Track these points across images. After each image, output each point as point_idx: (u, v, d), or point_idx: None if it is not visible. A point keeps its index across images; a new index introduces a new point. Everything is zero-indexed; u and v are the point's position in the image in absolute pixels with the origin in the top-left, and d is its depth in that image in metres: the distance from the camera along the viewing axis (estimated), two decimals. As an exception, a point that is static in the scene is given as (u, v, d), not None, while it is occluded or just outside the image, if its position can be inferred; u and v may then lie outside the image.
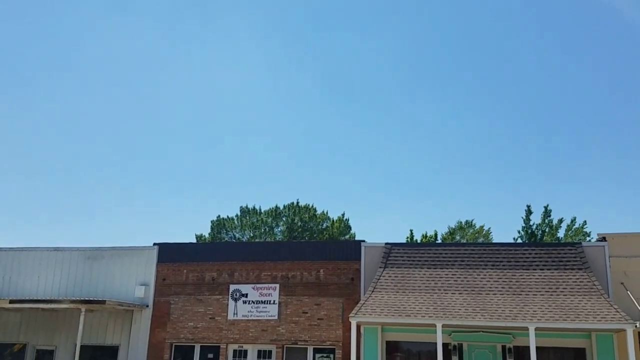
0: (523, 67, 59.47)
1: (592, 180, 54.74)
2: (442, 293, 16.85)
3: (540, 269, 17.00)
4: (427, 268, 17.75)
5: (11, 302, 18.09)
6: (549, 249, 17.66)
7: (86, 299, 18.28)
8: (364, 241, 19.07)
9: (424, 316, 15.78)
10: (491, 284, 16.73)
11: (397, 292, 17.16)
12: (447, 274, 17.37)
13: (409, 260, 18.17)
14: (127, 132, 65.24)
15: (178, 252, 20.41)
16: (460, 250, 18.06)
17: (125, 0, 61.92)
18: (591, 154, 56.51)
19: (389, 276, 17.79)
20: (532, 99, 60.10)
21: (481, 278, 16.99)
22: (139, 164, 64.45)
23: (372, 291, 17.30)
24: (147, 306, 19.63)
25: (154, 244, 20.45)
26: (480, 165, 59.77)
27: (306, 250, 19.82)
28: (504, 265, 17.21)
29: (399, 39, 62.77)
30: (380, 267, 18.13)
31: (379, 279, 17.73)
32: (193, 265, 20.01)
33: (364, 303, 16.72)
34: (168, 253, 20.30)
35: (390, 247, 18.54)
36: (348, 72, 65.35)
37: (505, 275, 16.91)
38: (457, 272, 17.34)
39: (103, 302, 17.55)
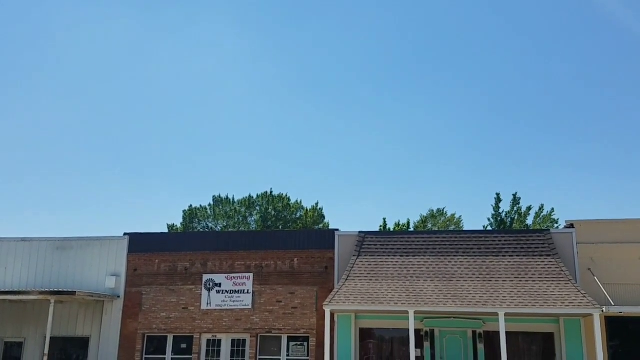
0: (493, 58, 60.21)
1: (560, 168, 55.97)
2: (414, 280, 17.04)
3: (510, 256, 17.32)
4: (400, 256, 17.92)
5: (-23, 294, 17.64)
6: (517, 235, 18.00)
7: (55, 290, 17.95)
8: (337, 230, 19.13)
9: (397, 303, 15.97)
10: (462, 271, 16.99)
11: (371, 280, 17.29)
12: (419, 262, 17.57)
13: (382, 249, 18.30)
14: (98, 122, 63.97)
15: (149, 242, 20.14)
16: (432, 238, 18.27)
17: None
18: (559, 142, 57.72)
19: (362, 264, 17.91)
20: (500, 88, 60.96)
21: (452, 265, 17.24)
22: (110, 153, 63.34)
23: (346, 279, 17.40)
24: (119, 297, 19.38)
25: (125, 234, 20.15)
26: (451, 155, 60.51)
27: (280, 239, 19.78)
28: (474, 252, 17.48)
29: (369, 30, 62.81)
30: (354, 256, 18.23)
31: (352, 267, 17.83)
32: (165, 255, 19.80)
33: (337, 291, 16.81)
34: (139, 243, 20.03)
35: (364, 235, 18.64)
36: (321, 62, 65.21)
37: (475, 262, 17.19)
38: (429, 259, 17.55)
39: (73, 293, 17.26)
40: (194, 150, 64.55)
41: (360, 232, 18.75)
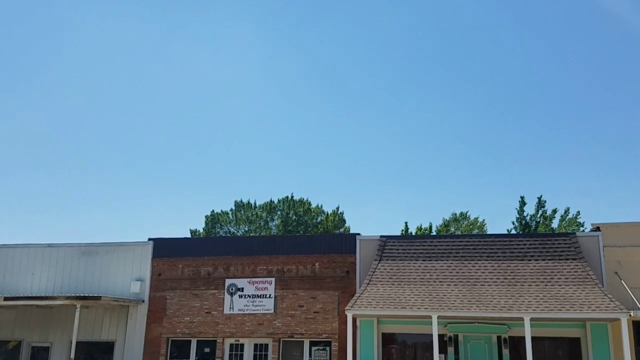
0: (516, 60, 59.57)
1: (585, 171, 55.04)
2: (437, 285, 16.90)
3: (535, 260, 17.07)
4: (422, 260, 17.79)
5: (5, 299, 17.99)
6: (543, 239, 17.74)
7: (81, 295, 18.22)
8: (359, 234, 19.08)
9: (420, 308, 15.84)
10: (486, 275, 16.80)
11: (393, 284, 17.20)
12: (442, 266, 17.42)
13: (404, 253, 18.20)
14: (120, 127, 64.92)
15: (173, 247, 20.35)
16: (455, 242, 18.11)
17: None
18: (584, 145, 56.78)
19: (384, 269, 17.83)
20: (525, 90, 60.24)
21: (476, 269, 17.06)
22: (133, 159, 64.19)
23: (368, 284, 17.33)
24: (143, 301, 19.59)
25: (149, 239, 20.39)
26: (474, 157, 59.95)
27: (302, 243, 19.82)
28: (498, 256, 17.27)
29: (391, 33, 62.68)
30: (375, 260, 18.15)
31: (374, 272, 17.75)
32: (188, 260, 19.97)
33: (359, 296, 16.75)
34: (163, 248, 20.25)
35: (385, 239, 18.56)
36: (342, 65, 65.24)
37: (500, 267, 16.97)
38: (452, 263, 17.39)
39: (98, 297, 17.49)
40: (215, 155, 65.09)
41: (381, 236, 18.68)
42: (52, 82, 62.54)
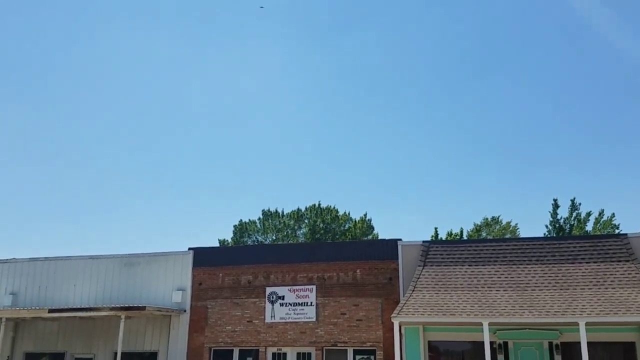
0: (548, 60, 58.80)
1: (618, 172, 53.98)
2: (486, 290, 16.54)
3: (587, 262, 16.63)
4: (469, 265, 17.45)
5: (50, 311, 18.09)
6: (593, 241, 17.28)
7: (125, 305, 18.24)
8: (400, 240, 18.83)
9: (469, 315, 15.48)
10: (536, 280, 16.39)
11: (439, 290, 16.89)
12: (489, 271, 17.06)
13: (448, 258, 17.88)
14: (151, 139, 65.53)
15: (213, 256, 20.34)
16: (502, 246, 17.73)
17: (144, 6, 62.25)
18: (616, 146, 55.72)
19: (429, 274, 17.53)
20: (555, 92, 59.43)
21: (525, 274, 16.66)
22: (160, 171, 64.70)
23: (413, 290, 17.04)
24: (185, 311, 19.55)
25: (189, 249, 20.38)
26: (504, 161, 59.22)
27: (341, 250, 19.63)
28: (548, 259, 16.85)
29: (414, 36, 62.43)
30: (419, 266, 17.86)
31: (418, 278, 17.46)
32: (228, 269, 19.90)
33: (405, 303, 16.46)
34: (203, 257, 20.22)
35: (429, 244, 18.27)
36: (366, 71, 65.13)
37: (550, 270, 16.56)
38: (500, 268, 17.03)
39: (143, 308, 17.49)
40: (243, 165, 65.32)
41: (424, 241, 18.40)
42: (90, 96, 63.45)
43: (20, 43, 60.78)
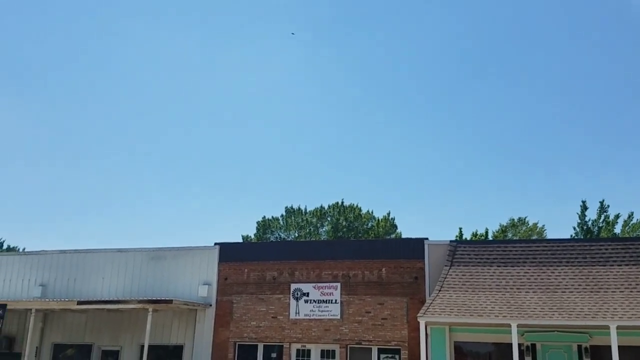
0: (576, 61, 57.77)
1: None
2: (514, 292, 16.32)
3: (618, 265, 16.29)
4: (497, 266, 17.24)
5: (79, 303, 18.36)
6: (625, 243, 16.91)
7: (153, 298, 18.43)
8: (426, 239, 18.68)
9: (498, 316, 15.28)
10: (567, 282, 16.12)
11: (467, 291, 16.71)
12: (518, 272, 16.82)
13: (476, 258, 17.69)
14: (176, 137, 66.21)
15: (238, 251, 20.47)
16: (532, 247, 17.47)
17: (163, 8, 62.85)
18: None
19: (456, 275, 17.36)
20: (583, 93, 58.37)
21: (556, 275, 16.39)
22: (187, 168, 65.32)
23: (440, 290, 16.89)
24: (210, 305, 19.69)
25: (215, 244, 20.52)
26: (531, 162, 58.39)
27: (367, 248, 19.55)
28: (579, 261, 16.56)
29: (438, 36, 61.85)
30: (446, 266, 17.71)
31: (445, 278, 17.31)
32: (254, 265, 19.99)
33: (432, 302, 16.33)
34: (229, 252, 20.34)
35: (456, 244, 18.10)
36: (390, 70, 64.80)
37: (581, 272, 16.26)
38: (529, 269, 16.78)
39: (170, 301, 17.66)
40: (266, 162, 65.60)
41: (451, 241, 18.23)
42: (121, 95, 64.35)
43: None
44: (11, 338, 21.04)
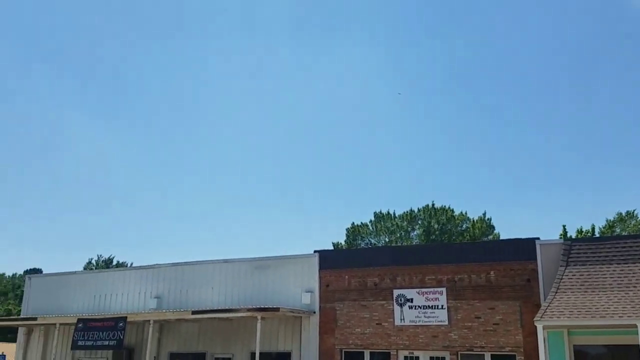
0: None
1: None
2: (638, 290, 15.14)
3: None
4: (617, 264, 16.09)
5: (193, 312, 19.17)
6: None
7: (261, 306, 18.88)
8: (538, 239, 17.80)
9: (622, 316, 14.23)
10: (701, 279, 14.75)
11: (585, 291, 15.72)
12: (642, 269, 15.62)
13: (593, 257, 16.61)
14: (265, 147, 68.00)
15: (338, 258, 20.56)
16: (656, 243, 16.20)
17: (251, 19, 64.86)
18: None
19: (573, 275, 16.39)
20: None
21: (686, 272, 15.06)
22: (274, 179, 66.93)
23: (556, 292, 16.01)
24: (314, 312, 19.88)
25: (315, 251, 20.73)
26: (634, 153, 54.51)
27: (471, 251, 18.96)
28: None
29: (524, 30, 59.35)
30: (561, 266, 16.76)
31: (561, 279, 16.38)
32: (354, 271, 19.96)
33: (548, 305, 15.50)
34: (329, 260, 20.46)
35: (571, 243, 17.09)
36: (483, 68, 63.01)
37: None
38: (654, 266, 15.53)
39: (277, 309, 18.00)
40: (354, 168, 65.84)
41: (565, 240, 17.26)
42: (202, 112, 67.33)
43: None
44: (131, 349, 22.32)
